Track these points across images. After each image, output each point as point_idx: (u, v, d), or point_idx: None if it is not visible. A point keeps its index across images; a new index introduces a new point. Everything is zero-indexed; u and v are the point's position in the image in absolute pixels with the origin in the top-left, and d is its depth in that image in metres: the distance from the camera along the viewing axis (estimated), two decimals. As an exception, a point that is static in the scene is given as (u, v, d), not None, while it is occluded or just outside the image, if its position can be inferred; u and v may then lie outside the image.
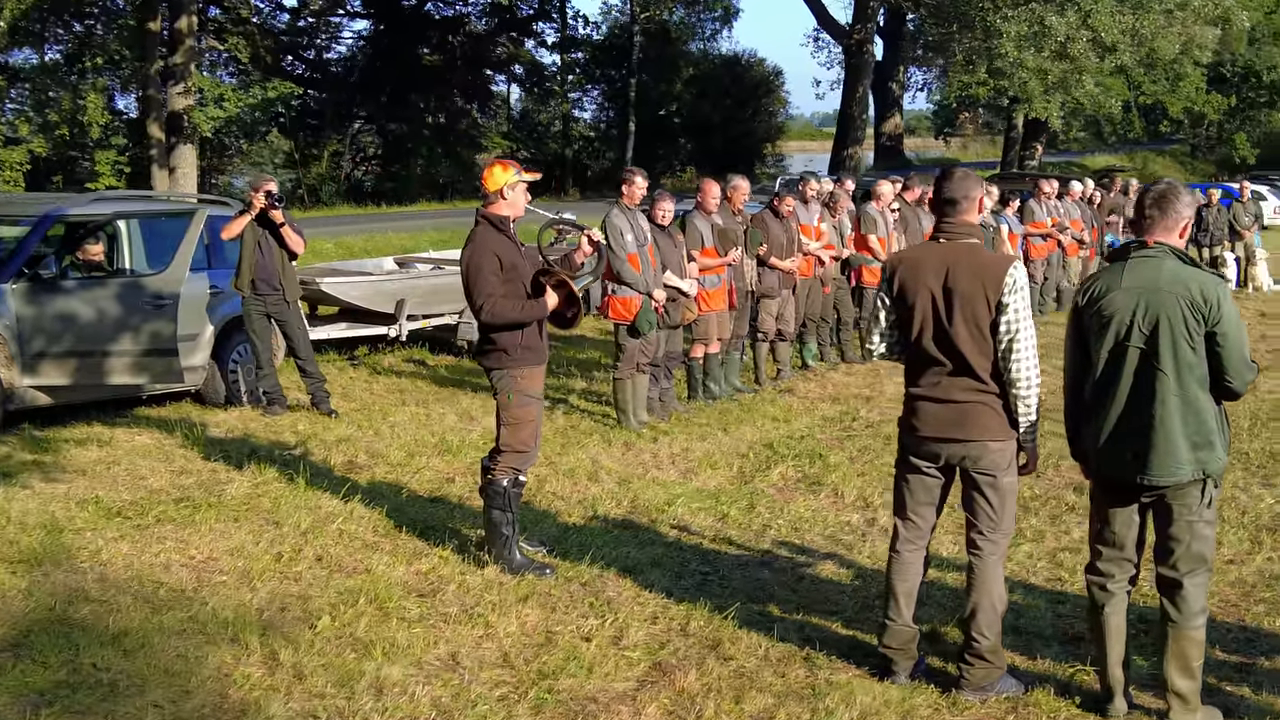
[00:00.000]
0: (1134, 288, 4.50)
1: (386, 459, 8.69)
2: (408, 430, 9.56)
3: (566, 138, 46.15)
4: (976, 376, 4.78)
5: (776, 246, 11.61)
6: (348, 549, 6.62)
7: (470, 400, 10.86)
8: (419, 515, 7.30)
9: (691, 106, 47.90)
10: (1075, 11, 25.70)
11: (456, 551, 6.61)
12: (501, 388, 6.35)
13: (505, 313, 6.21)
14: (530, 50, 45.50)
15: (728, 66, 50.15)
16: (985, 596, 4.88)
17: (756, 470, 8.73)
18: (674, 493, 8.01)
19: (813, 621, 5.77)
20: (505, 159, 6.59)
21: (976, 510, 4.91)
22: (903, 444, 5.06)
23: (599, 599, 6.02)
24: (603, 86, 48.35)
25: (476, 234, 6.31)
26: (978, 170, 23.07)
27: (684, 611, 5.85)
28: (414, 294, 12.91)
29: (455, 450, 8.94)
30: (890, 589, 5.08)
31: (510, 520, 6.37)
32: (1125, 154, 60.49)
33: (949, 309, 4.77)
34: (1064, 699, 4.91)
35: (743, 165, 50.29)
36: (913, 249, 5.04)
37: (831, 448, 9.35)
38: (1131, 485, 4.57)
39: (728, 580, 6.41)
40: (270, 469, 8.02)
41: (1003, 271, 4.72)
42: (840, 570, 6.62)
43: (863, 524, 7.49)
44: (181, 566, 6.25)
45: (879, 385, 11.93)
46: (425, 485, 8.11)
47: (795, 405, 10.95)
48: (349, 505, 7.28)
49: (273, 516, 7.08)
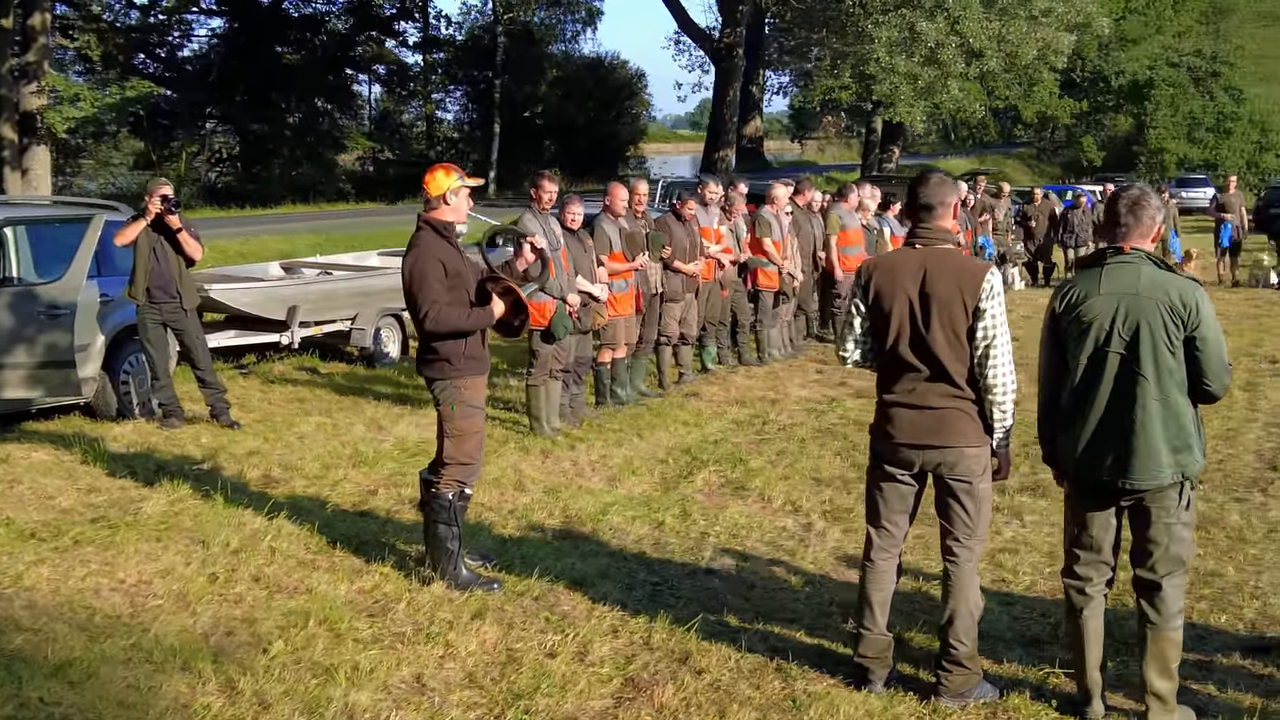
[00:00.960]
0: (1113, 293, 4.53)
1: (302, 472, 8.41)
2: (317, 442, 9.28)
3: (430, 139, 45.65)
4: (953, 382, 4.78)
5: (680, 250, 11.57)
6: (283, 568, 6.37)
7: (375, 409, 10.59)
8: (349, 530, 7.07)
9: (556, 108, 47.80)
10: (944, 17, 26.23)
11: (397, 568, 6.41)
12: (444, 399, 6.17)
13: (451, 321, 6.03)
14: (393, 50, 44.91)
15: (591, 69, 50.28)
16: (963, 603, 4.88)
17: (679, 476, 8.68)
18: (604, 501, 7.91)
19: (774, 631, 5.72)
20: (446, 164, 6.41)
21: (952, 517, 4.90)
22: (876, 451, 5.02)
23: (554, 613, 5.89)
24: (466, 87, 47.98)
25: (419, 240, 6.12)
26: (836, 173, 23.06)
27: (643, 624, 5.75)
28: (307, 300, 12.56)
29: (371, 462, 8.70)
30: (865, 598, 5.05)
31: (455, 535, 6.19)
32: (977, 156, 62.06)
33: (926, 315, 4.76)
34: (1041, 703, 4.94)
35: (606, 167, 50.50)
36: (888, 254, 5.01)
37: (749, 452, 9.33)
38: (1111, 489, 4.61)
39: (678, 590, 6.34)
40: (184, 485, 7.69)
41: (980, 277, 4.72)
42: (789, 576, 6.59)
43: (799, 529, 7.48)
44: (112, 591, 5.94)
45: (782, 388, 11.98)
46: (348, 499, 7.87)
47: (704, 409, 10.91)
48: (275, 522, 7.01)
49: (197, 535, 6.78)
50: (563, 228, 9.92)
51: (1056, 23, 27.80)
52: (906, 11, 26.04)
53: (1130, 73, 46.22)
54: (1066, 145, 54.72)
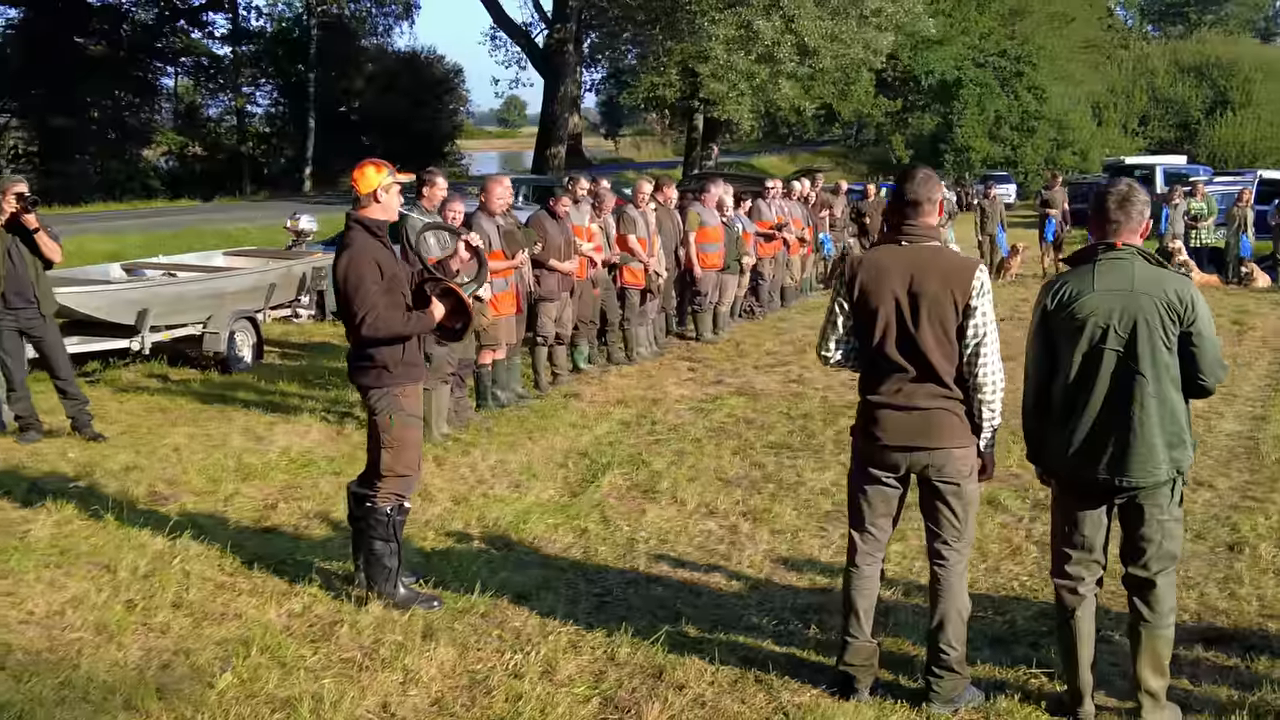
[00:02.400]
0: (1108, 290, 4.50)
1: (189, 487, 7.93)
2: (196, 454, 8.76)
3: (242, 133, 44.19)
4: (941, 382, 4.68)
5: (554, 248, 11.32)
6: (203, 592, 5.96)
7: (246, 418, 10.08)
8: (260, 549, 6.66)
9: (373, 103, 46.78)
10: (780, 16, 26.47)
11: (325, 588, 6.06)
12: (381, 408, 5.83)
13: (390, 326, 5.70)
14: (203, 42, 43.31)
15: (408, 63, 49.35)
16: (953, 607, 4.79)
17: (584, 480, 8.45)
18: (516, 509, 7.64)
19: (739, 640, 5.56)
20: (376, 160, 6.06)
21: (940, 520, 4.80)
22: (860, 454, 4.90)
23: (506, 631, 5.63)
24: (278, 81, 46.59)
25: (352, 240, 5.77)
26: (656, 170, 22.95)
27: (602, 639, 5.53)
28: (158, 302, 11.91)
29: (261, 474, 8.26)
30: (850, 605, 4.92)
31: (394, 551, 5.87)
32: (789, 154, 63.21)
33: (915, 313, 4.65)
34: (1031, 704, 4.88)
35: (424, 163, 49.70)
36: (873, 252, 4.86)
37: (649, 453, 9.16)
38: (1106, 487, 4.57)
39: (625, 600, 6.13)
40: (67, 505, 7.16)
41: (970, 274, 4.64)
42: (731, 582, 6.43)
43: (724, 532, 7.33)
44: (22, 624, 5.46)
45: (659, 386, 11.84)
46: (247, 515, 7.43)
47: (588, 410, 10.70)
48: (179, 543, 6.58)
49: (98, 560, 6.31)
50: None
51: (887, 23, 28.39)
52: (742, 10, 26.20)
53: (939, 73, 47.61)
54: (875, 143, 56.05)
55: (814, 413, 10.58)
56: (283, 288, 13.77)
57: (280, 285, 13.65)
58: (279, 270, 13.71)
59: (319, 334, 15.36)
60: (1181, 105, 57.39)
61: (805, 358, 13.41)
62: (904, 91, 48.67)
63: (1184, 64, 59.36)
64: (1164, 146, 54.47)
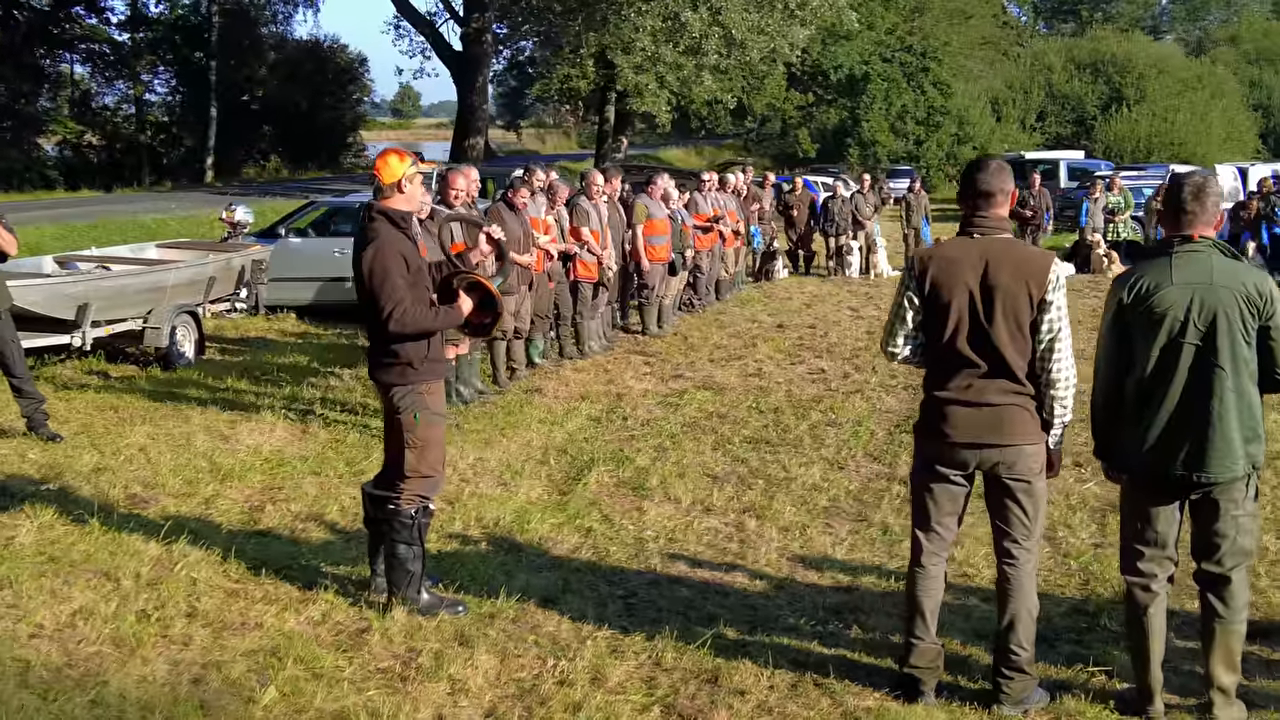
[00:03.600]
0: (1187, 283, 4.45)
1: (166, 489, 7.60)
2: (164, 454, 8.41)
3: (140, 122, 43.01)
4: (1013, 377, 4.58)
5: (513, 240, 11.07)
6: (214, 601, 5.68)
7: (204, 416, 9.72)
8: (261, 554, 6.38)
9: (275, 92, 45.81)
10: (708, 8, 26.37)
11: (341, 594, 5.81)
12: (406, 406, 5.60)
13: (418, 321, 5.47)
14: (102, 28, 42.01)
15: (310, 52, 48.42)
16: (1023, 607, 4.70)
17: (569, 478, 8.28)
18: (510, 508, 7.44)
19: (783, 642, 5.43)
20: (399, 148, 5.82)
21: (1010, 518, 4.71)
22: (926, 452, 4.78)
23: (541, 636, 5.44)
24: (176, 68, 45.39)
25: (377, 232, 5.52)
26: (566, 162, 22.66)
27: (643, 643, 5.37)
28: (99, 296, 11.43)
29: (238, 474, 7.96)
30: (916, 606, 4.81)
31: (418, 555, 5.64)
32: (694, 148, 63.24)
33: (988, 307, 4.54)
34: (1099, 704, 4.81)
35: (328, 154, 48.91)
36: (945, 245, 4.74)
37: (629, 449, 9.00)
38: (1181, 483, 4.52)
39: (651, 602, 5.97)
40: (46, 509, 6.80)
41: (1046, 267, 4.54)
42: (755, 582, 6.30)
43: (730, 529, 7.20)
44: (33, 638, 5.14)
45: (618, 380, 11.69)
46: (234, 518, 7.13)
47: (554, 406, 10.51)
48: (175, 548, 6.28)
49: (94, 567, 5.99)
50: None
51: (811, 16, 28.44)
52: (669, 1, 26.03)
53: (848, 67, 47.94)
54: (781, 136, 56.27)
55: (782, 407, 10.50)
56: (222, 281, 13.34)
57: (220, 278, 13.23)
58: (218, 263, 13.27)
59: (254, 328, 14.95)
60: (1078, 101, 58.43)
61: (757, 351, 13.36)
62: (812, 86, 48.91)
63: (1080, 61, 60.41)
64: (1061, 142, 55.53)
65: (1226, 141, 55.35)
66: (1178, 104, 55.70)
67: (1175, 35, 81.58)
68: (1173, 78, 58.22)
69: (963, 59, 56.72)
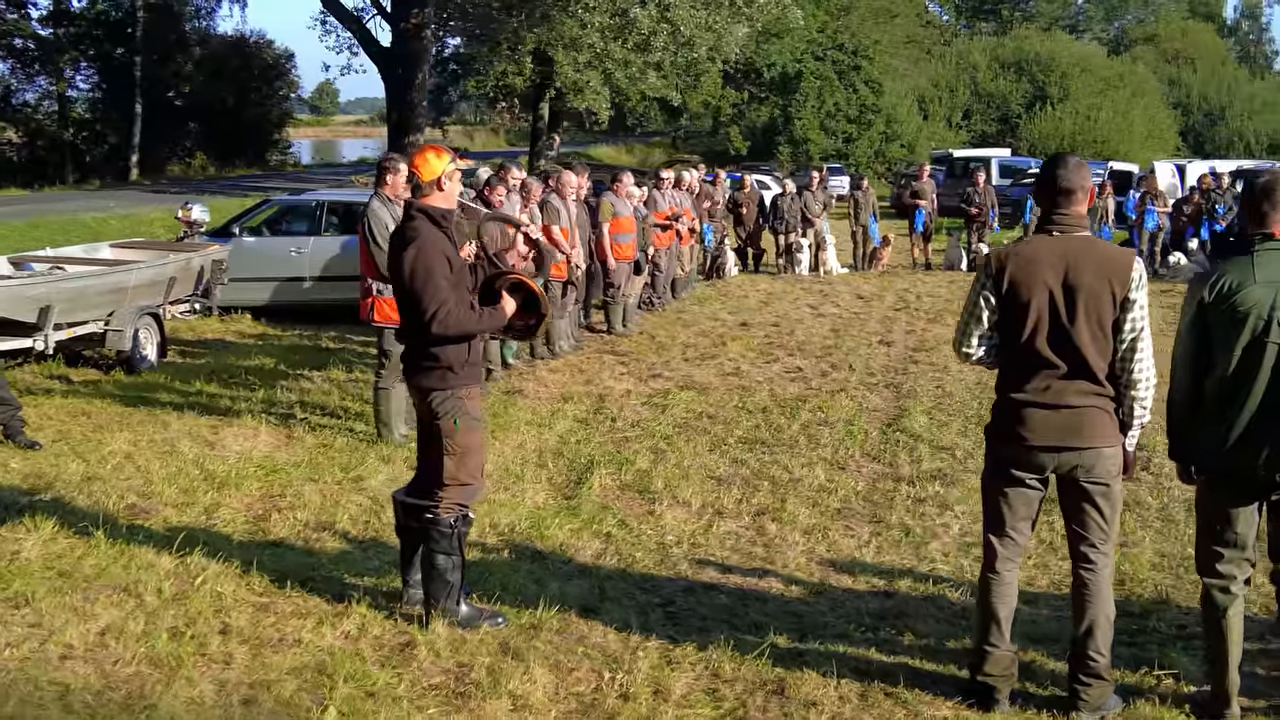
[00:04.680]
0: (1270, 281, 4.40)
1: (163, 498, 7.33)
2: (150, 462, 8.12)
3: (64, 120, 42.00)
4: (1093, 378, 4.50)
5: (491, 241, 10.90)
6: (244, 616, 5.45)
7: (183, 422, 9.41)
8: (279, 565, 6.14)
9: (201, 89, 44.96)
10: (656, 4, 26.23)
11: (374, 606, 5.61)
12: (446, 412, 5.40)
13: (462, 323, 5.29)
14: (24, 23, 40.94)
15: (236, 48, 47.61)
16: (1101, 613, 4.63)
17: (571, 482, 8.13)
18: (521, 513, 7.28)
19: (839, 650, 5.31)
20: (436, 145, 5.66)
21: (1087, 522, 4.62)
22: (1001, 456, 4.68)
23: (590, 648, 5.28)
24: (99, 65, 44.37)
25: (418, 231, 5.33)
26: (499, 160, 22.52)
27: (696, 653, 5.23)
28: (61, 298, 11.04)
29: (234, 482, 7.69)
30: (991, 613, 4.71)
31: (457, 565, 5.45)
32: (624, 145, 63.17)
33: (1070, 307, 4.45)
34: (1174, 709, 4.75)
35: (254, 152, 48.15)
36: (1023, 243, 4.64)
37: (626, 451, 8.86)
38: (1263, 484, 4.47)
39: (691, 610, 5.84)
40: (46, 521, 6.51)
41: (1129, 265, 4.47)
42: (791, 588, 6.20)
43: (752, 533, 7.09)
44: (65, 659, 4.90)
45: (596, 380, 11.54)
46: (240, 528, 6.89)
47: (538, 408, 10.33)
48: (189, 560, 6.04)
49: (113, 583, 5.74)
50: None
51: (758, 14, 28.42)
52: (618, 0, 25.91)
53: (781, 65, 48.04)
54: (711, 134, 56.29)
55: (769, 406, 10.41)
56: (182, 281, 12.98)
57: (180, 279, 12.87)
58: (178, 263, 12.91)
59: (210, 330, 14.60)
60: (1002, 100, 59.11)
61: (728, 350, 13.27)
62: (745, 84, 48.96)
63: (1004, 60, 61.14)
64: (986, 140, 56.11)
65: (1148, 139, 56.25)
66: (1100, 102, 56.58)
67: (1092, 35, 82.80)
68: (1095, 76, 59.14)
69: (889, 58, 57.09)
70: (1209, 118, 64.30)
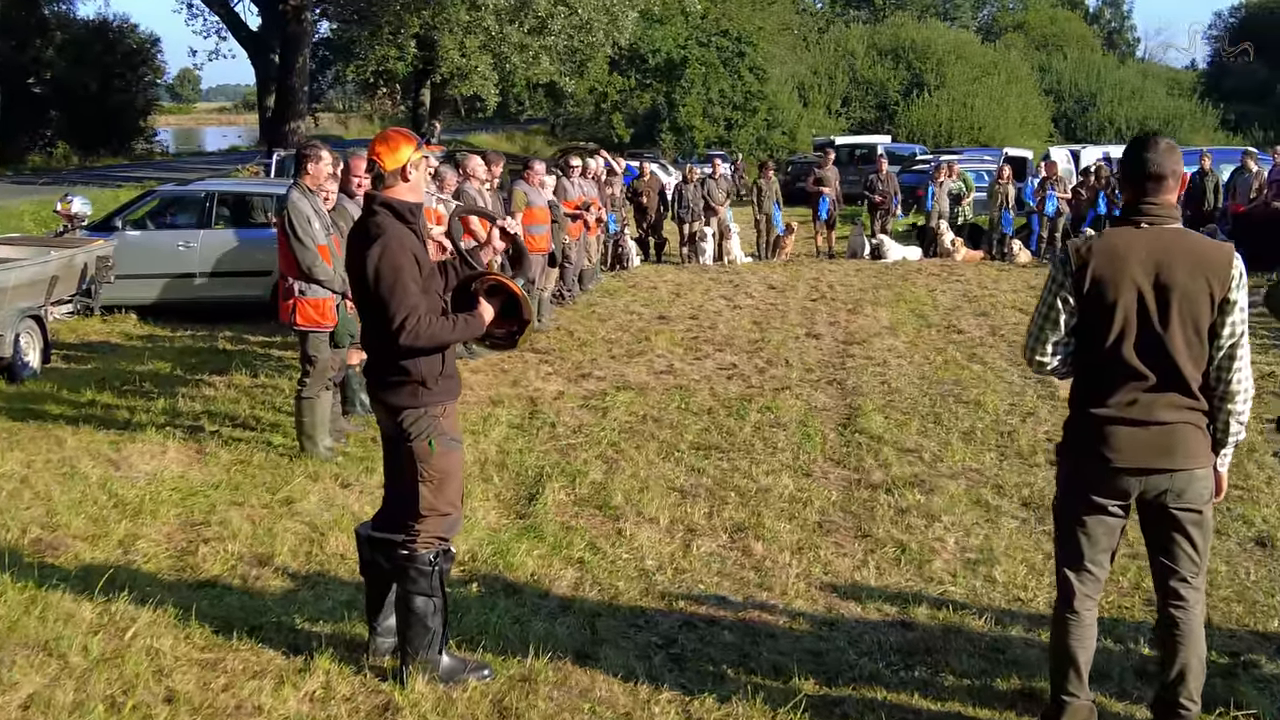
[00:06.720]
0: None
1: (70, 530, 6.50)
2: (50, 487, 7.25)
3: (-88, 108, 39.75)
4: (1186, 390, 3.94)
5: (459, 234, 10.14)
6: (190, 678, 4.68)
7: (80, 437, 8.51)
8: (215, 611, 5.37)
9: (63, 75, 42.90)
10: (551, -14, 25.51)
11: (337, 659, 4.88)
12: (419, 432, 4.68)
13: (435, 333, 4.57)
14: None
15: (99, 32, 45.55)
16: (1194, 655, 4.08)
17: (521, 498, 7.44)
18: (478, 537, 6.56)
19: (878, 696, 4.72)
20: (404, 130, 4.90)
21: (1177, 553, 4.06)
22: (1080, 479, 4.10)
23: (599, 704, 4.62)
24: (-50, 50, 42.09)
25: (383, 227, 4.60)
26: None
27: (716, 706, 4.60)
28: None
29: (149, 509, 6.89)
30: (1069, 658, 4.14)
31: (438, 608, 4.73)
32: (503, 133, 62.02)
33: (1162, 309, 3.90)
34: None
35: (119, 140, 46.15)
36: (1107, 236, 4.05)
37: (575, 461, 8.20)
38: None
39: (699, 651, 5.19)
40: (-64, 566, 5.65)
41: (1228, 261, 3.91)
42: (793, 620, 5.58)
43: (737, 554, 6.46)
44: (-16, 746, 4.10)
45: (524, 381, 10.83)
46: (165, 563, 6.09)
47: (467, 412, 9.55)
48: (114, 608, 5.24)
49: (30, 639, 4.92)
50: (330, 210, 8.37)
51: None
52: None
53: (665, 51, 47.47)
54: (594, 121, 55.50)
55: (714, 407, 9.83)
56: (65, 280, 11.94)
57: (63, 277, 11.84)
58: (61, 260, 11.88)
59: (92, 332, 13.55)
60: (880, 87, 59.33)
61: (654, 345, 12.69)
62: (630, 70, 48.29)
63: (881, 47, 61.40)
64: (865, 126, 56.27)
65: (1022, 125, 56.91)
66: (975, 89, 57.14)
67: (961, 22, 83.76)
68: (970, 63, 59.71)
69: (769, 45, 56.90)
70: (1080, 104, 65.26)
